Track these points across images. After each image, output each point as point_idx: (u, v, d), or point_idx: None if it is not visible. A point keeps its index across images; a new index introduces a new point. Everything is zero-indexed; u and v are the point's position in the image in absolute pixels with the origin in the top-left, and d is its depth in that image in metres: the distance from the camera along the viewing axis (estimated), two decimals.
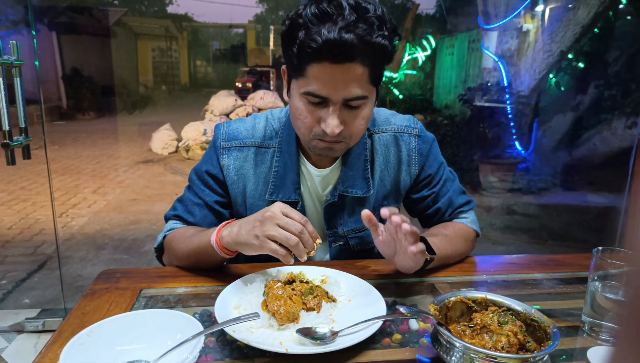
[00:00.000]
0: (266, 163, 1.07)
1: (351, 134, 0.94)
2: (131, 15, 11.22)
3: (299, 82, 0.90)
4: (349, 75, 0.85)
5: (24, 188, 4.82)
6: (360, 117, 0.92)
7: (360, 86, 0.87)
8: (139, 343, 0.71)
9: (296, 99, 0.92)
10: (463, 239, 1.08)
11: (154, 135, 6.78)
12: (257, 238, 0.82)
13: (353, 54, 0.83)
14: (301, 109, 0.92)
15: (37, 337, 2.26)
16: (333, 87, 0.86)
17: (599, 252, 0.83)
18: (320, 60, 0.84)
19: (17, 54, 1.60)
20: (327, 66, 0.84)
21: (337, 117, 0.89)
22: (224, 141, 1.07)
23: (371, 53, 0.85)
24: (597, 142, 5.01)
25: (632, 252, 0.25)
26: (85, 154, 6.67)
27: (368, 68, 0.87)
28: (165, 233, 1.06)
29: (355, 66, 0.85)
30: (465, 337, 0.74)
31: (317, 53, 0.83)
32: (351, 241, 1.10)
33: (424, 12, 8.14)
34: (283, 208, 0.83)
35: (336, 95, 0.87)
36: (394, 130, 1.10)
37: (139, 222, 3.91)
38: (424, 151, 1.10)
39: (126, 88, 10.46)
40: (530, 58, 5.29)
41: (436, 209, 1.13)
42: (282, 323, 0.77)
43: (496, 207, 4.69)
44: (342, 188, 1.05)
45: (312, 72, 0.86)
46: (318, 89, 0.87)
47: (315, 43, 0.82)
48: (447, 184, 1.14)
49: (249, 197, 1.08)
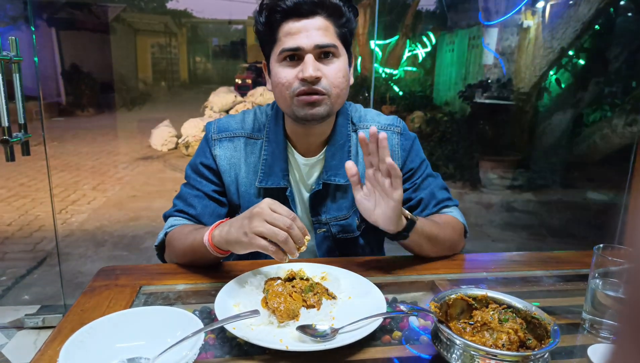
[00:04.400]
0: (256, 153, 1.12)
1: (330, 86, 0.99)
2: (130, 11, 11.17)
3: (275, 50, 1.01)
4: (314, 26, 0.98)
5: (24, 185, 4.82)
6: (336, 69, 1.00)
7: (327, 36, 0.98)
8: (138, 340, 0.70)
9: (276, 67, 1.01)
10: (451, 227, 1.08)
11: (153, 131, 6.77)
12: (245, 235, 0.83)
13: (314, 8, 0.97)
14: (280, 71, 1.00)
15: (37, 334, 2.26)
16: (304, 36, 0.97)
17: (600, 249, 0.83)
18: (287, 18, 0.98)
19: (16, 50, 1.60)
20: (295, 21, 0.97)
21: (313, 63, 0.97)
22: (215, 133, 1.13)
23: (329, 9, 0.99)
24: (597, 139, 5.00)
25: (633, 249, 0.25)
26: (84, 151, 6.66)
27: (331, 23, 0.99)
28: (166, 230, 1.07)
29: (319, 18, 0.98)
30: (466, 334, 0.74)
31: (284, 13, 0.97)
32: (333, 228, 1.13)
33: (424, 9, 8.11)
34: (271, 204, 0.84)
35: (307, 43, 0.97)
36: (378, 127, 1.15)
37: (138, 219, 3.91)
38: (406, 146, 1.15)
39: (125, 84, 10.42)
40: (531, 55, 5.28)
41: (419, 201, 1.14)
42: (282, 321, 0.77)
43: (496, 204, 4.69)
44: (326, 176, 1.09)
45: (282, 32, 0.98)
46: (291, 42, 0.97)
47: (282, 3, 0.96)
48: (429, 179, 1.16)
49: (241, 185, 1.11)
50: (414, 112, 6.36)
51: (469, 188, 5.10)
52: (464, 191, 5.00)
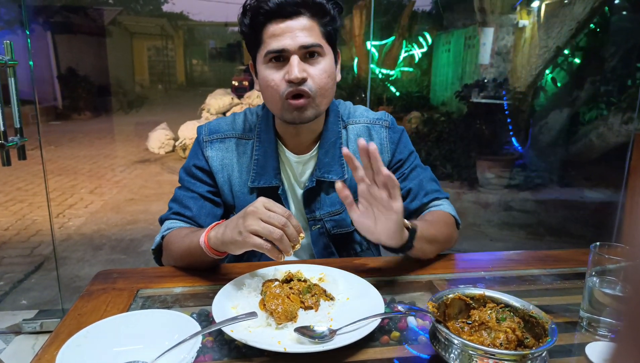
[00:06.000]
0: (247, 153, 1.13)
1: (316, 87, 0.99)
2: (126, 14, 11.16)
3: (260, 52, 1.00)
4: (299, 26, 0.97)
5: (20, 189, 4.80)
6: (322, 70, 1.00)
7: (312, 36, 0.98)
8: (136, 344, 0.70)
9: (262, 70, 1.01)
10: (444, 223, 1.08)
11: (150, 134, 6.76)
12: (240, 234, 0.83)
13: (297, 8, 0.97)
14: (267, 74, 1.00)
15: (34, 338, 2.25)
16: (288, 37, 0.97)
17: (597, 248, 0.83)
18: (271, 19, 0.97)
19: (11, 54, 1.59)
20: (279, 22, 0.97)
21: (298, 64, 0.97)
22: (206, 136, 1.14)
23: (312, 8, 0.98)
24: (593, 138, 5.02)
25: (630, 247, 0.25)
26: (81, 154, 6.64)
27: (315, 23, 0.99)
28: (163, 234, 1.07)
29: (303, 18, 0.98)
30: (464, 333, 0.74)
31: (267, 15, 0.96)
32: (327, 224, 1.14)
33: (420, 9, 8.12)
34: (266, 202, 0.84)
35: (291, 44, 0.97)
36: (366, 122, 1.18)
37: (136, 222, 3.90)
38: (394, 139, 1.17)
39: (122, 87, 10.40)
40: (527, 54, 5.29)
41: (408, 191, 1.14)
42: (280, 322, 0.77)
43: (493, 203, 4.70)
44: (319, 173, 1.10)
45: (267, 33, 0.98)
46: (275, 44, 0.97)
47: (265, 4, 0.96)
48: (417, 169, 1.17)
49: (234, 185, 1.12)
50: (411, 113, 6.37)
51: (466, 187, 5.11)
52: (461, 190, 5.01)
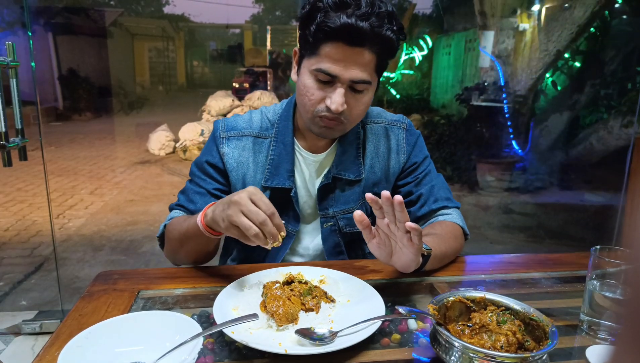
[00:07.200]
0: (263, 152, 1.12)
1: (351, 117, 1.00)
2: (127, 15, 11.18)
3: (311, 60, 0.97)
4: (358, 58, 0.93)
5: (21, 190, 4.80)
6: (362, 103, 1.00)
7: (366, 71, 0.95)
8: (137, 345, 0.70)
9: (306, 77, 0.99)
10: (453, 237, 1.08)
11: (151, 136, 6.76)
12: (223, 221, 0.84)
13: (364, 40, 0.91)
14: (309, 85, 0.98)
15: (34, 339, 2.25)
16: (343, 66, 0.93)
17: (597, 251, 0.83)
18: (335, 40, 0.92)
19: (13, 55, 1.59)
20: (340, 47, 0.92)
21: (342, 97, 0.95)
22: (224, 132, 1.13)
23: (379, 43, 0.93)
24: (593, 141, 5.02)
25: (630, 250, 0.25)
26: (82, 155, 6.65)
27: (375, 56, 0.95)
28: (166, 222, 1.09)
29: (365, 51, 0.93)
30: (464, 336, 0.74)
31: (333, 33, 0.91)
32: (340, 221, 1.14)
33: (420, 12, 8.14)
34: (253, 194, 0.83)
35: (344, 74, 0.94)
36: (385, 122, 1.18)
37: (136, 223, 3.90)
38: (411, 141, 1.18)
39: (123, 89, 10.42)
40: (527, 57, 5.30)
41: (418, 196, 1.15)
42: (281, 324, 0.77)
43: (494, 206, 4.70)
44: (335, 171, 1.11)
45: (325, 50, 0.94)
46: (329, 67, 0.94)
47: (333, 24, 0.90)
48: (431, 174, 1.18)
49: (248, 184, 1.12)
50: (412, 115, 6.39)
51: (467, 190, 5.11)
52: (462, 193, 5.01)
